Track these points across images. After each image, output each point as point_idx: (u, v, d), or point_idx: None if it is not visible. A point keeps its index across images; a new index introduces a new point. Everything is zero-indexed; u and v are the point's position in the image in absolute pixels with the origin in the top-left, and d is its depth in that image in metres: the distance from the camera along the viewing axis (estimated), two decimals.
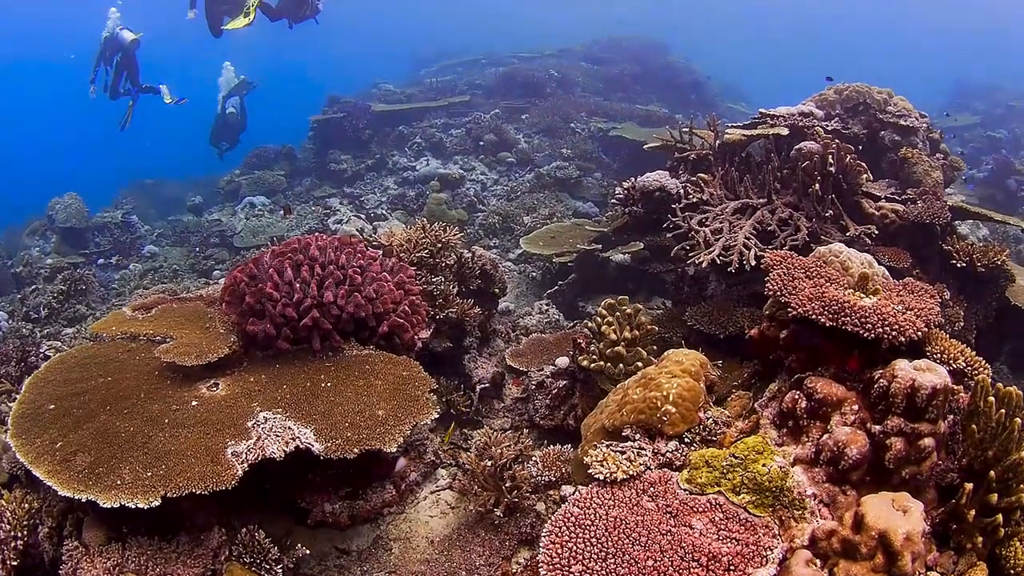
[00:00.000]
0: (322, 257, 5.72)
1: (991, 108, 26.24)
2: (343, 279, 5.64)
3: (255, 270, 5.65)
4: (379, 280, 5.78)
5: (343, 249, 5.88)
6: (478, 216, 14.98)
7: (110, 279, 14.48)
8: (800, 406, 4.42)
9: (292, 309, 5.40)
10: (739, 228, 6.95)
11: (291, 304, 5.40)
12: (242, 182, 18.39)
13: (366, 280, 5.69)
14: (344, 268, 5.67)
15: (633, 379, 5.15)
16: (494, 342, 8.13)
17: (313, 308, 5.43)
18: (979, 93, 28.69)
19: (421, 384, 5.34)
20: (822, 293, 4.60)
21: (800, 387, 4.52)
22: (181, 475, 4.35)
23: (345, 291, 5.56)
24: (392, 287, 5.82)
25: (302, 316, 5.41)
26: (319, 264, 5.65)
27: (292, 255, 5.73)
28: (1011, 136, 22.12)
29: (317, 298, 5.48)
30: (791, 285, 4.79)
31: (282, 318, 5.41)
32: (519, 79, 22.33)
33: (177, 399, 5.10)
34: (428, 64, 28.61)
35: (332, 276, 5.57)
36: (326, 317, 5.45)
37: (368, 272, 5.79)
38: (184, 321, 6.12)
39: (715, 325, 7.17)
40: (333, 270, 5.61)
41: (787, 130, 8.16)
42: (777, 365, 5.08)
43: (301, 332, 5.48)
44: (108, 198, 19.68)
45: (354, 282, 5.62)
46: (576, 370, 6.50)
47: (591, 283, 10.62)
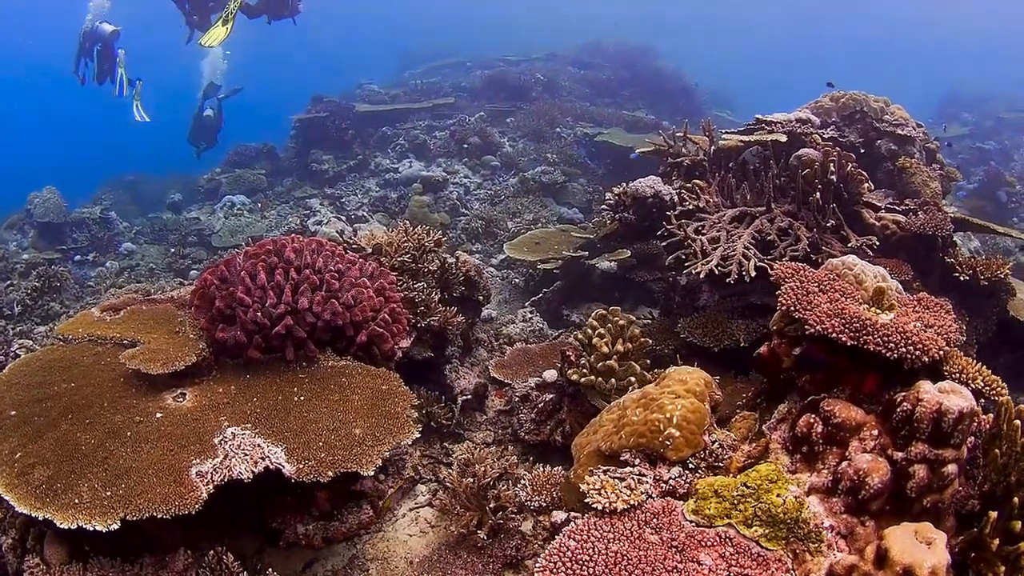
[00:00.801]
0: (298, 260, 5.33)
1: (981, 119, 26.16)
2: (319, 284, 5.26)
3: (226, 272, 5.28)
4: (358, 286, 5.40)
5: (320, 252, 5.50)
6: (461, 220, 14.69)
7: (87, 276, 14.14)
8: (816, 431, 4.09)
9: (264, 315, 5.02)
10: (737, 237, 6.64)
11: (263, 310, 5.02)
12: (222, 180, 18.10)
13: (344, 286, 5.32)
14: (321, 272, 5.30)
15: (631, 398, 4.81)
16: (476, 351, 7.81)
17: (287, 315, 5.05)
18: (969, 104, 28.62)
19: (402, 400, 4.98)
20: (842, 309, 4.26)
21: (816, 410, 4.18)
22: (142, 496, 4.04)
23: (321, 297, 5.17)
24: (372, 294, 5.44)
25: (275, 323, 5.03)
26: (294, 268, 5.26)
27: (266, 257, 5.34)
28: (1001, 148, 22.00)
29: (291, 304, 5.10)
30: (805, 300, 4.45)
31: (254, 325, 5.03)
32: (505, 82, 22.05)
33: (141, 410, 4.76)
34: (414, 65, 28.30)
35: (308, 281, 5.18)
36: (301, 325, 5.08)
37: (346, 277, 5.42)
38: (153, 324, 5.78)
39: (709, 338, 6.88)
40: (309, 274, 5.23)
41: (785, 136, 7.87)
42: (787, 384, 4.75)
43: (274, 340, 5.10)
44: (89, 192, 19.55)
45: (331, 288, 5.24)
46: (564, 384, 6.16)
47: (576, 291, 10.33)
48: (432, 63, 27.77)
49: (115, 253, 15.52)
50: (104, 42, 15.01)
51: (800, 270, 4.83)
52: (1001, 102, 28.32)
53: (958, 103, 28.94)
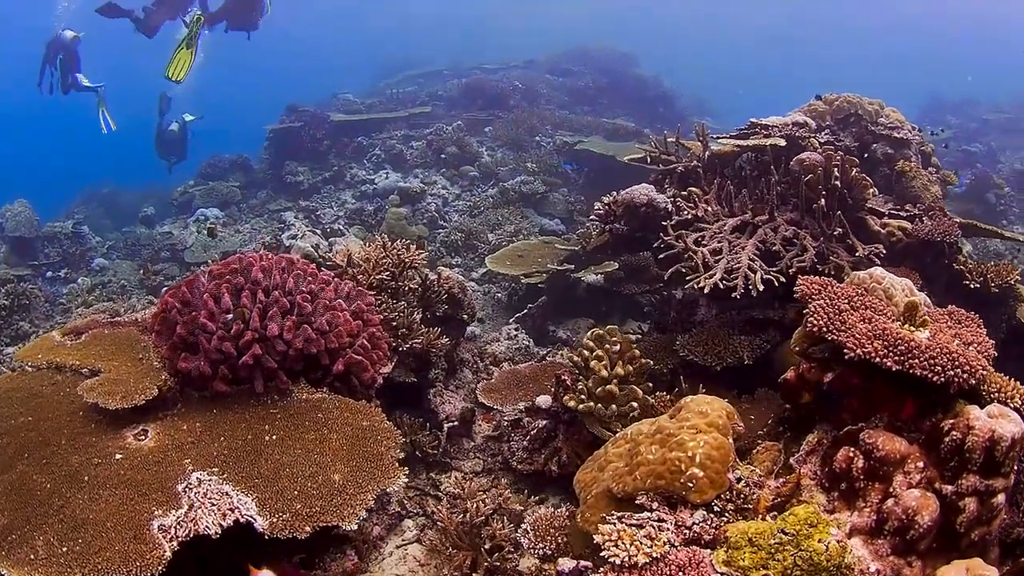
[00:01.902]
0: (266, 280, 4.82)
1: (966, 122, 25.92)
2: (290, 308, 4.77)
3: (189, 295, 4.77)
4: (333, 309, 4.91)
5: (291, 271, 5.00)
6: (440, 232, 14.20)
7: (59, 293, 13.52)
8: (857, 466, 3.66)
9: (230, 343, 4.53)
10: (741, 248, 6.22)
11: (229, 337, 4.53)
12: (196, 193, 17.53)
13: (317, 309, 4.83)
14: (292, 294, 4.79)
15: (642, 432, 4.33)
16: (461, 372, 7.36)
17: (255, 343, 4.56)
18: (953, 107, 28.37)
19: (385, 438, 4.50)
20: (883, 330, 3.82)
21: (854, 442, 3.76)
22: (99, 553, 3.64)
23: (293, 322, 4.68)
24: (348, 317, 4.95)
25: (242, 352, 4.55)
26: (262, 289, 4.75)
27: (231, 277, 4.82)
28: (987, 150, 21.73)
29: (260, 331, 4.60)
30: (838, 320, 4.00)
31: (219, 354, 4.54)
32: (483, 90, 21.55)
33: (100, 450, 4.34)
34: (390, 75, 27.83)
35: (278, 304, 4.68)
36: (270, 353, 4.59)
37: (320, 299, 4.92)
38: (115, 351, 5.33)
39: (711, 356, 6.45)
40: (279, 296, 4.72)
41: (784, 141, 7.46)
42: (814, 411, 4.31)
43: (241, 371, 4.61)
44: (63, 205, 19.09)
45: (303, 311, 4.75)
46: (560, 410, 5.71)
47: (562, 305, 9.92)
48: (408, 72, 27.32)
49: (87, 269, 14.93)
50: (66, 50, 14.62)
51: (827, 286, 4.40)
52: (984, 105, 28.11)
53: (941, 106, 28.69)
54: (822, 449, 4.03)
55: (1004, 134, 24.45)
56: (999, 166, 20.24)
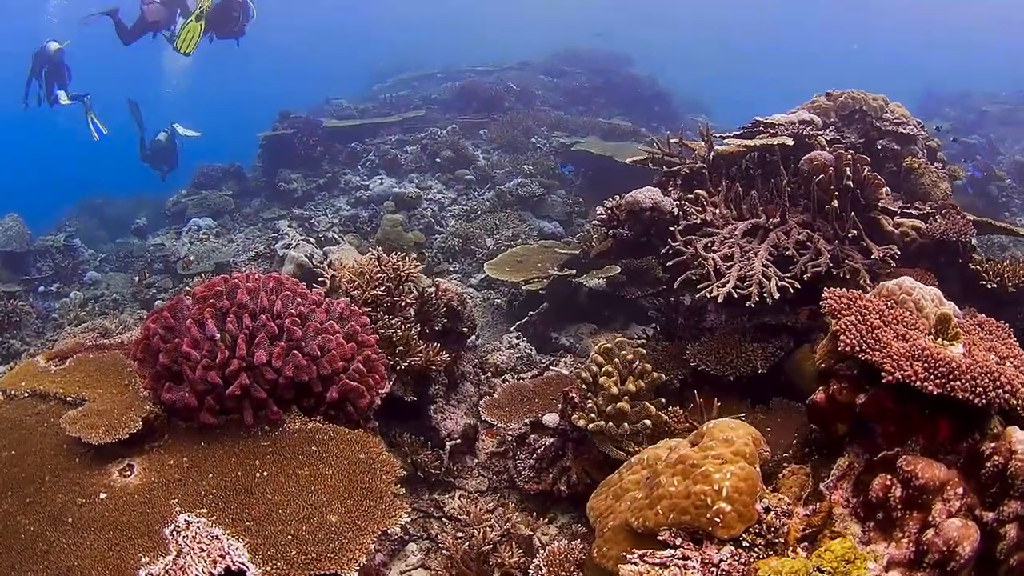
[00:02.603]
0: (253, 303, 4.52)
1: (963, 114, 25.74)
2: (279, 332, 4.48)
3: (171, 320, 4.47)
4: (325, 332, 4.62)
5: (279, 292, 4.69)
6: (436, 238, 13.96)
7: (51, 308, 13.30)
8: (894, 495, 3.38)
9: (215, 373, 4.24)
10: (753, 254, 5.94)
11: (214, 366, 4.24)
12: (188, 203, 17.19)
13: (308, 333, 4.53)
14: (280, 317, 4.49)
15: (660, 458, 4.03)
16: (462, 386, 7.09)
17: (242, 371, 4.27)
18: (950, 99, 28.17)
19: (384, 472, 4.19)
20: (921, 350, 3.53)
21: (891, 469, 3.48)
22: None
23: (282, 348, 4.38)
24: (341, 340, 4.65)
25: (228, 382, 4.26)
26: (248, 313, 4.45)
27: (216, 300, 4.52)
28: (986, 142, 21.50)
29: (247, 358, 4.32)
30: (872, 339, 3.71)
31: (204, 384, 4.24)
32: (477, 93, 21.32)
33: (84, 488, 4.09)
34: (383, 79, 27.56)
35: (265, 329, 4.38)
36: (259, 382, 4.29)
37: (311, 322, 4.63)
38: (100, 377, 5.07)
39: (723, 365, 6.18)
40: (266, 320, 4.42)
41: (791, 140, 7.21)
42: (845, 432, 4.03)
43: (228, 402, 4.32)
44: (55, 218, 18.68)
45: (293, 336, 4.44)
46: (568, 428, 5.44)
47: (563, 311, 9.67)
48: (401, 76, 27.07)
49: (80, 283, 14.65)
50: (51, 62, 14.52)
51: (856, 299, 4.11)
52: (980, 96, 27.90)
53: (937, 99, 28.49)
54: (854, 474, 3.76)
55: (1003, 125, 24.30)
56: (999, 157, 20.03)
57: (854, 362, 3.84)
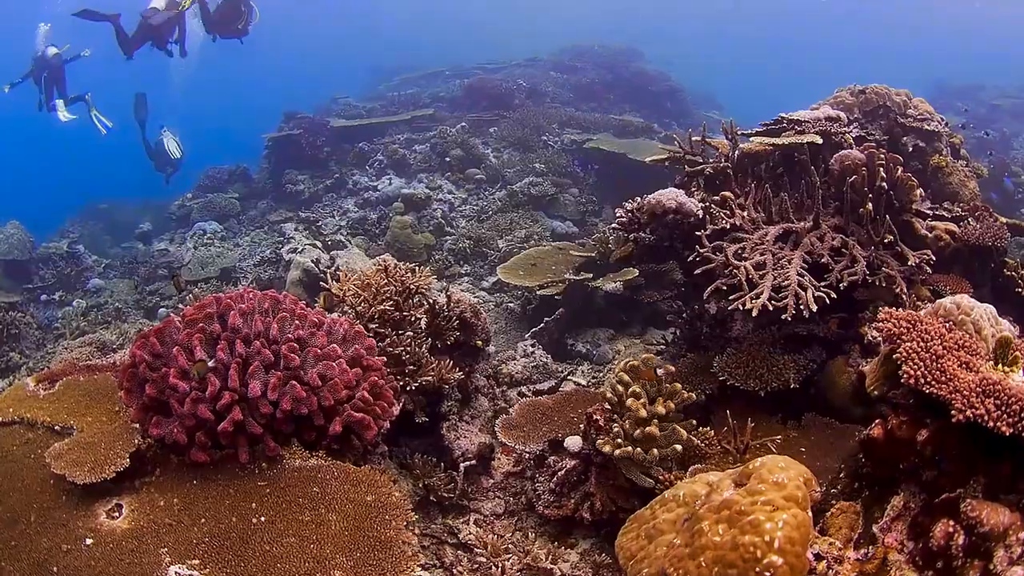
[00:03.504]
0: (246, 327, 4.12)
1: (975, 108, 25.22)
2: (275, 360, 4.09)
3: (158, 346, 4.08)
4: (326, 358, 4.21)
5: (276, 313, 4.30)
6: (447, 240, 13.61)
7: (53, 317, 13.03)
8: (957, 543, 3.01)
9: (206, 407, 3.85)
10: (787, 262, 5.55)
11: (204, 399, 3.86)
12: (193, 206, 16.96)
13: (308, 360, 4.14)
14: (276, 343, 4.10)
15: (701, 497, 3.58)
16: (476, 401, 6.70)
17: (235, 405, 3.88)
18: (960, 93, 27.69)
19: (394, 517, 3.76)
20: (993, 385, 3.12)
21: (953, 513, 3.11)
22: None
23: (278, 378, 3.98)
24: (345, 366, 4.22)
25: (220, 416, 3.88)
26: (242, 338, 4.05)
27: (206, 324, 4.14)
28: (999, 136, 21.06)
29: (240, 390, 3.94)
30: (938, 370, 3.30)
31: (194, 419, 3.86)
32: (486, 90, 20.91)
33: (70, 531, 3.77)
34: (390, 77, 27.23)
35: (260, 356, 3.98)
36: (254, 416, 3.89)
37: (310, 348, 4.22)
38: (89, 403, 4.77)
39: (753, 379, 5.81)
40: (260, 347, 4.02)
41: (820, 138, 6.80)
42: (903, 470, 3.64)
43: (221, 438, 3.95)
44: (60, 225, 18.41)
45: (290, 364, 4.04)
46: (591, 452, 5.06)
47: (579, 315, 9.34)
48: (409, 74, 26.74)
49: (83, 290, 14.33)
50: (50, 67, 14.30)
51: (916, 322, 3.70)
52: (991, 90, 27.48)
53: (948, 93, 28.02)
54: (909, 514, 3.38)
55: (1015, 119, 24.02)
56: (1013, 152, 19.66)
57: (911, 390, 3.46)
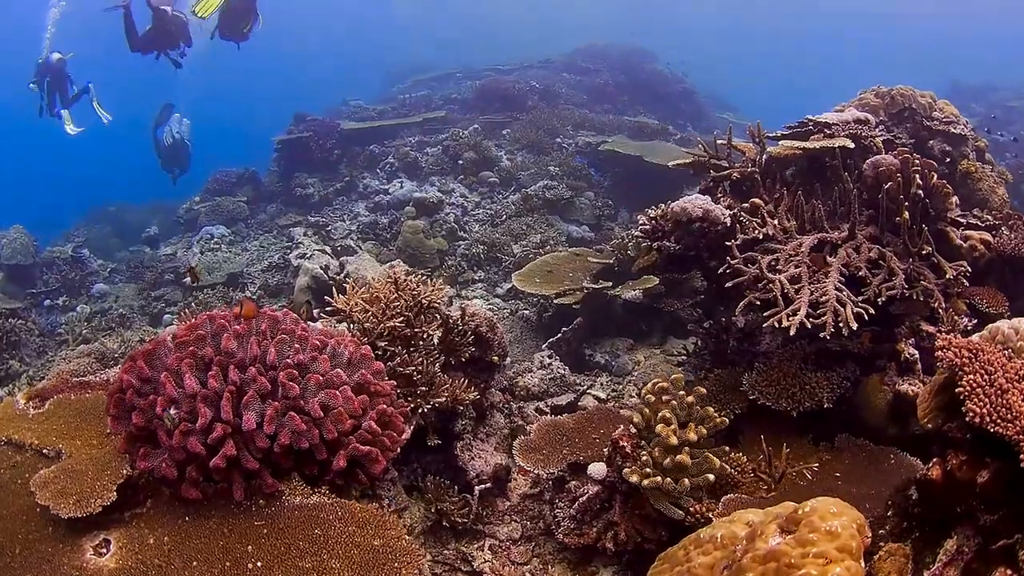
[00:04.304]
0: (241, 351, 3.79)
1: (989, 109, 24.78)
2: (272, 388, 3.74)
3: (147, 370, 3.75)
4: (330, 385, 3.87)
5: (274, 334, 3.98)
6: (460, 245, 13.28)
7: (56, 323, 12.73)
8: None
9: (196, 439, 3.52)
10: (824, 275, 5.21)
11: (194, 431, 3.53)
12: (201, 210, 16.70)
13: (309, 387, 3.79)
14: (274, 369, 3.77)
15: (738, 535, 3.22)
16: (492, 418, 6.37)
17: (228, 438, 3.54)
18: (975, 94, 27.24)
19: (404, 566, 3.40)
20: None
21: (1010, 560, 2.79)
22: None
23: (276, 410, 3.64)
24: (350, 394, 3.87)
25: (213, 450, 3.55)
26: (236, 363, 3.72)
27: (198, 347, 3.80)
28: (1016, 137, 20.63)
29: (234, 421, 3.59)
30: (1003, 406, 2.94)
31: (183, 452, 3.53)
32: (498, 92, 20.60)
33: (54, 568, 3.51)
34: (401, 80, 26.90)
35: (256, 384, 3.64)
36: (250, 450, 3.56)
37: (312, 374, 3.87)
38: (79, 424, 4.49)
39: (785, 398, 5.48)
40: (256, 374, 3.68)
41: (851, 142, 6.46)
42: (958, 513, 3.30)
43: (214, 474, 3.62)
44: (67, 228, 18.28)
45: (289, 393, 3.69)
46: (616, 480, 4.72)
47: (597, 324, 9.00)
48: (420, 76, 26.43)
49: (87, 296, 14.04)
50: (53, 72, 14.05)
51: (977, 351, 3.33)
52: (1006, 91, 27.02)
53: (962, 94, 27.57)
54: (962, 559, 3.05)
55: None
56: None
57: (967, 424, 3.13)
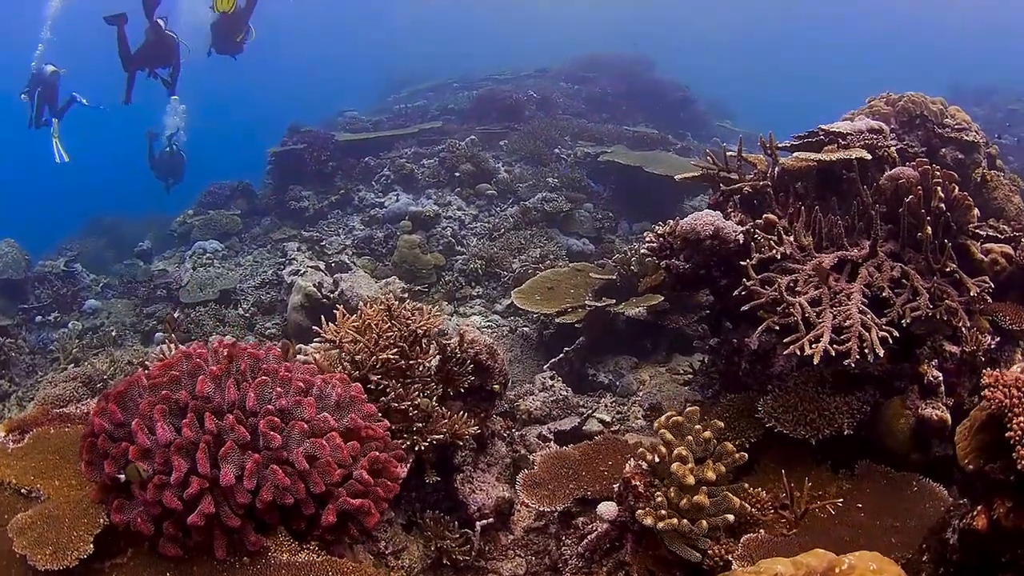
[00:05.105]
0: (218, 396, 3.46)
1: (991, 112, 24.58)
2: (252, 437, 3.40)
3: (119, 415, 3.41)
4: (316, 432, 3.52)
5: (254, 376, 3.65)
6: (457, 260, 13.03)
7: (48, 340, 12.51)
8: None
9: (172, 494, 3.19)
10: (846, 297, 4.91)
11: (170, 485, 3.19)
12: (195, 223, 16.47)
13: (292, 436, 3.44)
14: (255, 414, 3.43)
15: None
16: (493, 446, 6.05)
17: (205, 493, 3.22)
18: (977, 97, 26.96)
19: None
20: None
21: None
22: None
23: (256, 463, 3.31)
24: (339, 442, 3.51)
25: (190, 506, 3.22)
26: (212, 410, 3.38)
27: (172, 390, 3.47)
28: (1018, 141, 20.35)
29: (212, 474, 3.25)
30: None
31: (159, 507, 3.21)
32: (495, 102, 20.31)
33: None
34: (398, 90, 26.68)
35: (235, 433, 3.31)
36: (231, 506, 3.23)
37: (296, 421, 3.51)
38: (59, 462, 4.25)
39: (804, 425, 5.17)
40: (234, 422, 3.34)
41: (867, 153, 6.17)
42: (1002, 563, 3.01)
43: (192, 531, 3.27)
44: (64, 239, 18.11)
45: (271, 444, 3.35)
46: (628, 519, 4.41)
47: (600, 342, 8.76)
48: (416, 86, 26.22)
49: (79, 312, 13.81)
50: (45, 85, 14.11)
51: None
52: (1008, 94, 26.79)
53: (964, 97, 27.31)
54: None
55: None
56: None
57: (1013, 468, 2.85)
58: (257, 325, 11.84)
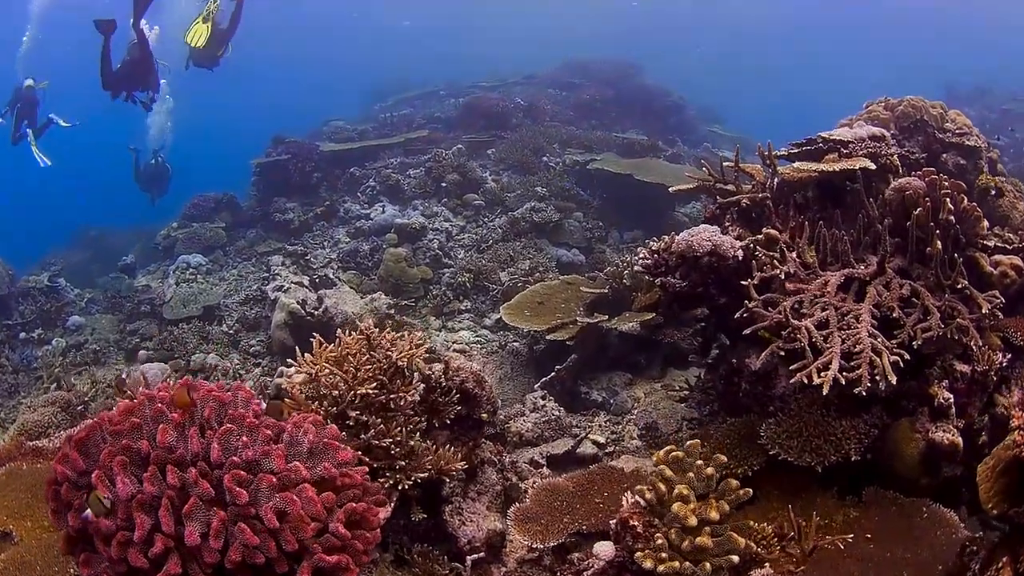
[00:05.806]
0: (181, 446, 3.14)
1: (984, 113, 24.46)
2: (218, 492, 3.09)
3: (80, 463, 3.10)
4: (287, 485, 3.20)
5: (220, 423, 3.33)
6: (444, 273, 12.77)
7: (32, 357, 12.23)
8: None
9: (137, 552, 2.90)
10: (854, 318, 4.66)
11: (133, 543, 2.91)
12: (179, 237, 16.11)
13: (261, 491, 3.11)
14: (220, 467, 3.10)
15: None
16: (483, 474, 5.79)
17: (172, 552, 2.93)
18: (970, 98, 26.86)
19: None
20: None
21: None
22: None
23: (222, 520, 3.01)
24: (311, 495, 3.17)
25: (157, 564, 2.93)
26: (175, 461, 3.07)
27: (132, 438, 3.16)
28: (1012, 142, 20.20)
29: (177, 531, 2.94)
30: None
31: (124, 565, 2.92)
32: (482, 109, 20.06)
33: None
34: (383, 98, 26.40)
35: (198, 488, 2.99)
36: (199, 566, 2.94)
37: (264, 473, 3.18)
38: (31, 501, 4.19)
39: (809, 452, 4.97)
40: (198, 476, 3.03)
41: (872, 162, 5.94)
42: None
43: None
44: (49, 253, 17.91)
45: (237, 500, 3.03)
46: (626, 560, 4.15)
47: (592, 358, 8.52)
48: (402, 94, 26.02)
49: (63, 328, 13.46)
50: (23, 99, 13.92)
51: None
52: (1001, 94, 26.69)
53: (957, 99, 27.19)
54: None
55: None
56: None
57: None
58: (241, 342, 11.60)
